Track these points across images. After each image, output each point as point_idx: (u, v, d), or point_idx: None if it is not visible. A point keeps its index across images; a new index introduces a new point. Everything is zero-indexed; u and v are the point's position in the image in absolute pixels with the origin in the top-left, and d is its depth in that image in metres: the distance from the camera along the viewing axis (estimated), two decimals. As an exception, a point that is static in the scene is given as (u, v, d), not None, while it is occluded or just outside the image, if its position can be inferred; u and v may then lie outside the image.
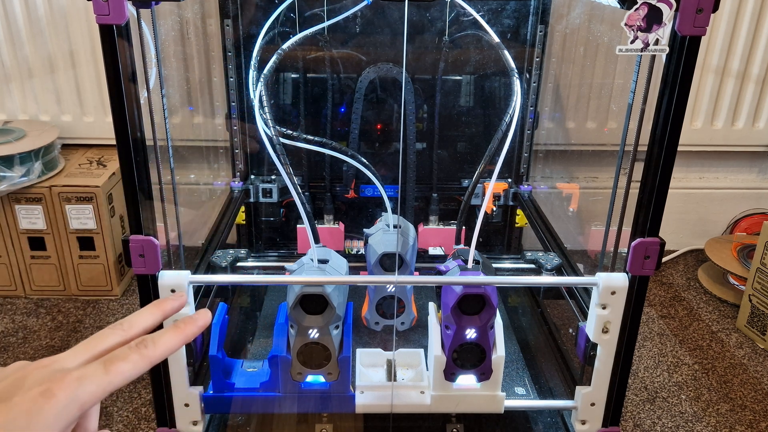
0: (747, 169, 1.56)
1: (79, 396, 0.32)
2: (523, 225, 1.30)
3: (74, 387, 0.32)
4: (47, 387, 0.31)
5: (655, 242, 0.70)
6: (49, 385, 0.32)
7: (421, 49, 1.19)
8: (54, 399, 0.31)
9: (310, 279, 0.71)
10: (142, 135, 0.66)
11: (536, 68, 1.21)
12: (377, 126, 1.23)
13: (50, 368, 0.33)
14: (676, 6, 0.60)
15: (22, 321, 1.26)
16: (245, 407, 0.80)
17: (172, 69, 1.29)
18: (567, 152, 1.46)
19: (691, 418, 1.05)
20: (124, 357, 0.34)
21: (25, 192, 1.24)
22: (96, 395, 0.33)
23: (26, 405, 0.31)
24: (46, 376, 0.32)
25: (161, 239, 0.71)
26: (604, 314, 0.73)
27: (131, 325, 0.38)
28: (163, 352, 0.36)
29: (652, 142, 0.67)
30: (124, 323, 0.38)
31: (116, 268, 1.33)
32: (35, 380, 0.32)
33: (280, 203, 1.29)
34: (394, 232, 0.93)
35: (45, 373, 0.33)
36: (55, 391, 0.31)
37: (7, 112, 1.39)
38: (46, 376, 0.32)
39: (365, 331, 1.01)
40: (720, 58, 1.39)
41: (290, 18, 1.12)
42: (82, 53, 1.34)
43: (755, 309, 1.25)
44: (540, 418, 0.91)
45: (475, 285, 0.71)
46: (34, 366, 0.34)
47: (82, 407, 0.32)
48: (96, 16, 0.59)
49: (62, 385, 0.32)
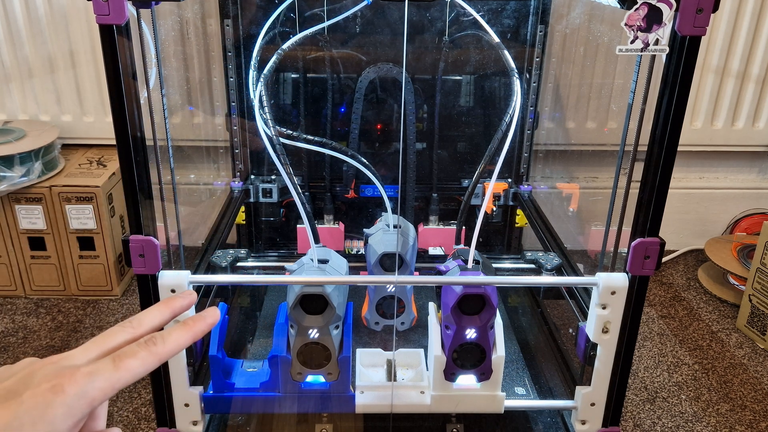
0: (747, 169, 1.56)
1: (89, 392, 0.32)
2: (523, 225, 1.30)
3: (83, 383, 0.32)
4: (57, 382, 0.31)
5: (655, 242, 0.70)
6: (58, 381, 0.32)
7: (421, 49, 1.19)
8: (63, 394, 0.31)
9: (310, 279, 0.72)
10: (142, 135, 0.66)
11: (536, 68, 1.21)
12: (377, 126, 1.23)
13: (59, 364, 0.33)
14: (676, 6, 0.60)
15: (22, 321, 1.26)
16: (245, 407, 0.80)
17: (172, 69, 1.29)
18: (567, 152, 1.46)
19: (691, 418, 1.05)
20: (133, 354, 0.34)
21: (25, 192, 1.24)
22: (105, 391, 0.33)
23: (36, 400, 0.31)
24: (55, 372, 0.32)
25: (161, 239, 0.71)
26: (604, 314, 0.73)
27: (140, 323, 0.38)
28: (172, 349, 0.36)
29: (652, 142, 0.67)
30: (134, 321, 0.38)
31: (116, 268, 1.33)
32: (44, 376, 0.32)
33: (280, 203, 1.29)
34: (394, 232, 0.93)
35: (54, 369, 0.33)
36: (64, 386, 0.31)
37: (7, 112, 1.39)
38: (56, 372, 0.32)
39: (365, 331, 1.01)
40: (720, 58, 1.39)
41: (290, 18, 1.12)
42: (82, 53, 1.34)
43: (755, 309, 1.25)
44: (540, 418, 0.91)
45: (475, 285, 0.71)
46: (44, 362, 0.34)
47: (92, 403, 0.32)
48: (96, 16, 0.59)
49: (71, 381, 0.32)
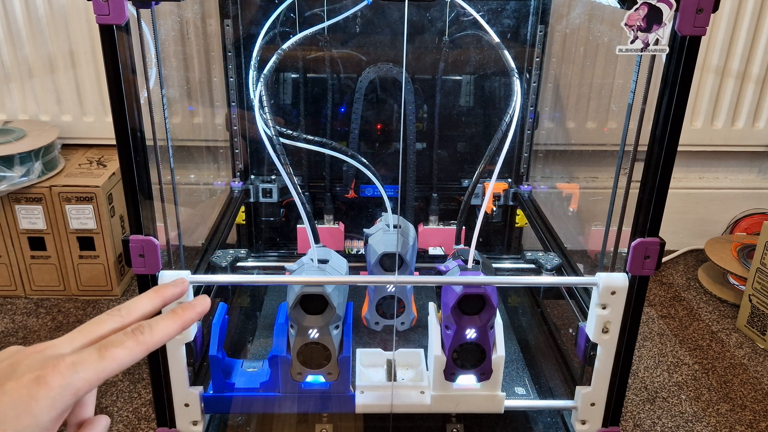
0: (747, 169, 1.56)
1: (73, 383, 0.31)
2: (523, 225, 1.30)
3: (68, 373, 0.31)
4: (41, 373, 0.31)
5: (655, 242, 0.70)
6: (42, 372, 0.31)
7: (421, 49, 1.19)
8: (47, 386, 0.31)
9: (310, 279, 0.71)
10: (142, 135, 0.66)
11: (536, 68, 1.21)
12: (377, 126, 1.23)
13: (44, 353, 0.33)
14: (676, 6, 0.60)
15: (22, 321, 1.26)
16: (245, 407, 0.80)
17: (172, 69, 1.29)
18: (567, 152, 1.46)
19: (691, 418, 1.05)
20: (120, 343, 0.34)
21: (25, 192, 1.24)
22: (90, 382, 0.32)
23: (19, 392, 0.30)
24: (40, 362, 0.32)
25: (161, 239, 0.71)
26: (604, 314, 0.73)
27: (129, 311, 0.37)
28: (160, 338, 0.35)
29: (652, 142, 0.67)
30: (122, 309, 0.37)
31: (116, 268, 1.33)
32: (29, 366, 0.31)
33: (280, 203, 1.29)
34: (394, 232, 0.93)
35: (39, 359, 0.32)
36: (48, 377, 0.31)
37: (7, 112, 1.39)
38: (40, 362, 0.32)
39: (365, 331, 1.01)
40: (720, 58, 1.39)
41: (290, 18, 1.12)
42: (82, 53, 1.34)
43: (755, 309, 1.25)
44: (540, 418, 0.91)
45: (475, 285, 0.71)
46: (29, 351, 0.33)
47: (77, 394, 0.32)
48: (96, 16, 0.59)
49: (56, 372, 0.31)
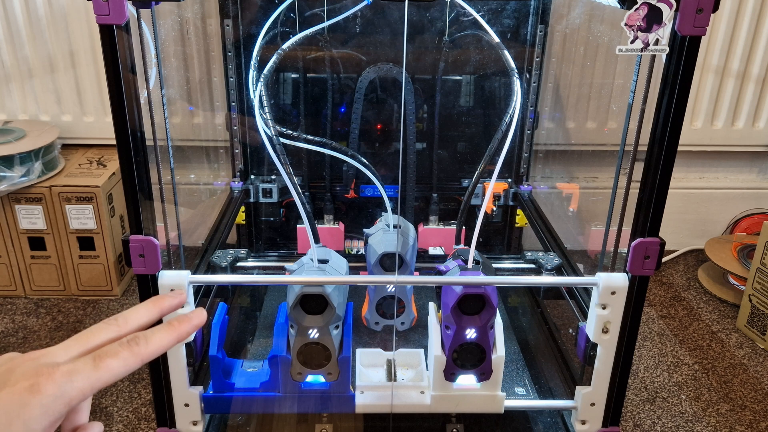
0: (747, 169, 1.56)
1: (67, 391, 0.31)
2: (523, 225, 1.30)
3: (62, 382, 0.31)
4: (34, 381, 0.31)
5: (655, 242, 0.70)
6: (36, 380, 0.31)
7: (421, 49, 1.19)
8: (40, 394, 0.31)
9: (310, 279, 0.71)
10: (142, 135, 0.66)
11: (536, 68, 1.21)
12: (377, 126, 1.23)
13: (39, 361, 0.33)
14: (676, 6, 0.60)
15: (22, 321, 1.26)
16: (245, 407, 0.80)
17: (172, 69, 1.29)
18: (567, 152, 1.46)
19: (691, 418, 1.05)
20: (114, 353, 0.34)
21: (25, 192, 1.24)
22: (84, 391, 0.32)
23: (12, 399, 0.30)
24: (34, 370, 0.32)
25: (161, 239, 0.71)
26: (604, 314, 0.73)
27: (126, 321, 0.37)
28: (155, 350, 0.35)
29: (652, 142, 0.67)
30: (119, 318, 0.37)
31: (116, 268, 1.33)
32: (23, 374, 0.31)
33: (280, 203, 1.29)
34: (394, 232, 0.93)
35: (33, 367, 0.32)
36: (42, 386, 0.31)
37: (7, 112, 1.39)
38: (34, 370, 0.32)
39: (365, 331, 1.01)
40: (720, 58, 1.39)
41: (290, 18, 1.12)
42: (82, 53, 1.34)
43: (755, 309, 1.25)
44: (540, 418, 0.91)
45: (475, 285, 0.71)
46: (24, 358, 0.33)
47: (69, 403, 0.31)
48: (96, 16, 0.59)
49: (49, 380, 0.31)
